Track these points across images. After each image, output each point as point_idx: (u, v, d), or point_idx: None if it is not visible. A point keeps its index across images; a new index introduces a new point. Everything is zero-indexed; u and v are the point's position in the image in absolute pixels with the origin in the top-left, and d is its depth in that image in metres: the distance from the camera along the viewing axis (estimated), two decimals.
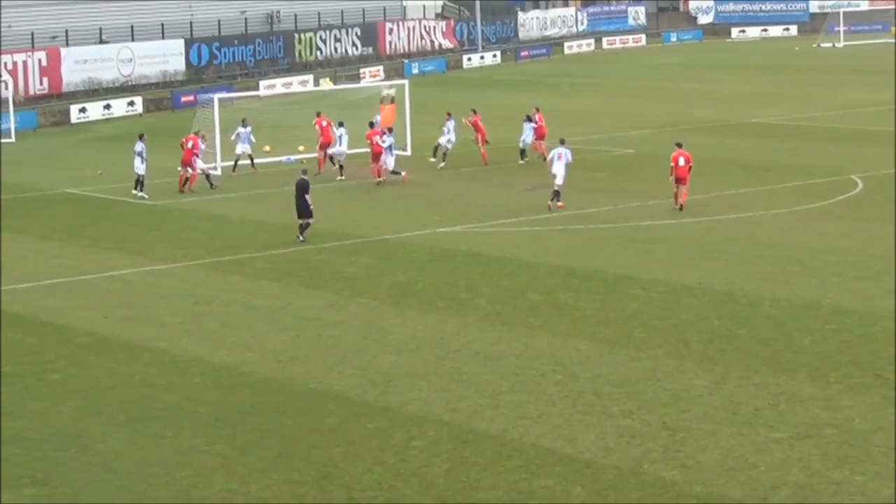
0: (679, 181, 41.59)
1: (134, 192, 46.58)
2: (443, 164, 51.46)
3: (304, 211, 38.37)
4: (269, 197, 46.57)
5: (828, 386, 24.54)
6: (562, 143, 43.42)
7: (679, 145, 42.38)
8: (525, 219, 41.09)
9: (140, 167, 46.56)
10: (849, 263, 34.37)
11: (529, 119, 52.36)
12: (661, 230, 39.15)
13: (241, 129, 51.73)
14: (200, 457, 21.77)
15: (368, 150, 48.53)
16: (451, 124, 52.08)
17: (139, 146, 46.67)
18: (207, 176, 48.32)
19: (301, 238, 38.29)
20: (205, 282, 34.35)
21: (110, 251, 38.41)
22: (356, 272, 34.86)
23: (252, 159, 51.93)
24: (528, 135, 52.13)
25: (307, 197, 38.30)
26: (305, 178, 39.13)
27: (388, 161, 48.00)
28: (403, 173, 48.05)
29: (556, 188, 42.27)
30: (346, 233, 39.30)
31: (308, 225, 38.49)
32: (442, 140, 51.99)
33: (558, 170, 42.31)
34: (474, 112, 53.02)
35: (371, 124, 49.34)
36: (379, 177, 47.96)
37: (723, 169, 48.27)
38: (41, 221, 43.64)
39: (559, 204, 42.18)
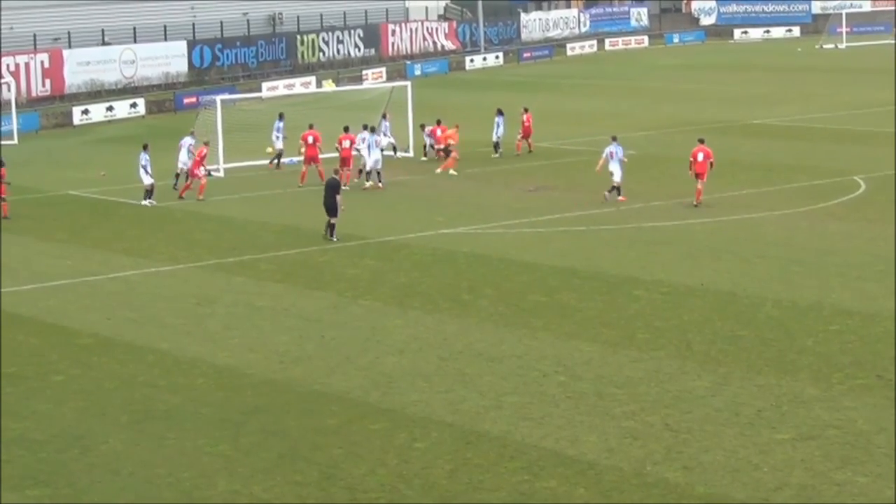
0: (697, 176, 42.04)
1: (144, 202, 45.93)
2: (424, 158, 53.61)
3: (332, 209, 38.52)
4: (272, 198, 46.59)
5: (830, 387, 24.54)
6: (613, 139, 44.41)
7: (701, 141, 43.15)
8: (527, 220, 41.10)
9: (146, 179, 45.78)
10: (852, 264, 34.38)
11: (501, 113, 54.81)
12: (664, 231, 39.15)
13: (279, 123, 52.42)
14: (203, 458, 21.78)
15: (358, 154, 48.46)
16: (428, 129, 54.31)
17: (143, 158, 45.74)
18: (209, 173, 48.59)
19: (327, 235, 38.40)
20: (208, 283, 34.37)
21: (113, 252, 38.42)
22: (359, 273, 34.87)
23: (279, 158, 52.52)
24: (500, 128, 54.50)
25: (338, 197, 38.44)
26: (337, 177, 39.47)
27: (372, 159, 47.60)
28: (367, 184, 47.52)
29: (614, 185, 43.34)
30: (349, 234, 39.28)
31: (332, 225, 38.59)
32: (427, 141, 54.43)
33: (614, 167, 43.42)
34: (525, 110, 55.60)
35: (345, 129, 48.60)
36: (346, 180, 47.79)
37: (725, 170, 48.17)
38: (44, 223, 43.65)
39: (620, 198, 43.15)
